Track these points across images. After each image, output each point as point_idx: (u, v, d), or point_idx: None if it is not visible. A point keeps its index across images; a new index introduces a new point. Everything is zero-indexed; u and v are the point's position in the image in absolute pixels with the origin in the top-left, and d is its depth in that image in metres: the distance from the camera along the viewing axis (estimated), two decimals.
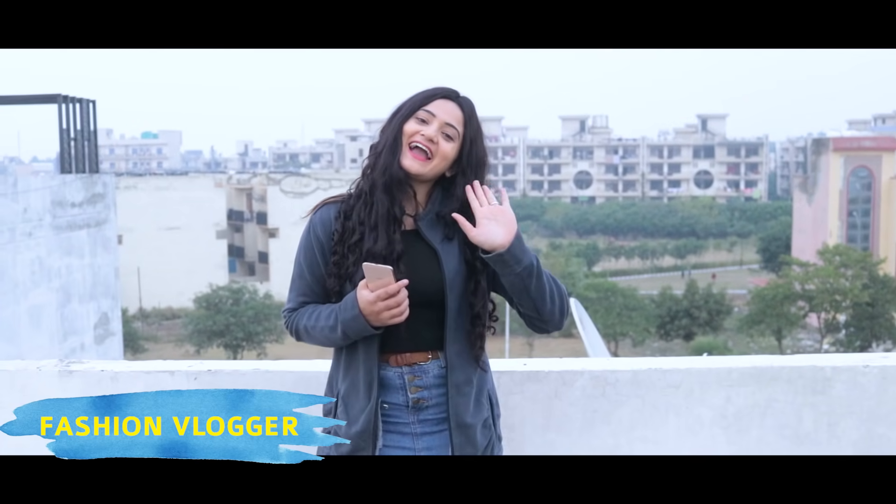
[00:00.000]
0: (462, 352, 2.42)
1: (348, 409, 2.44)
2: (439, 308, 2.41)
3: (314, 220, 2.48)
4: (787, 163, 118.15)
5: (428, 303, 2.40)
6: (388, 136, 2.43)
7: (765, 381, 3.01)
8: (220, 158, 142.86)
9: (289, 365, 3.05)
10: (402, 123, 2.41)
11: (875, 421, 3.03)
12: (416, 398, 2.42)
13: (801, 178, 52.98)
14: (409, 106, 2.43)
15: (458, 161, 2.43)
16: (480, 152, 2.45)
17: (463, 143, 2.42)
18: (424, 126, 2.40)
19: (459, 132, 2.42)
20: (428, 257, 2.42)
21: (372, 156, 2.46)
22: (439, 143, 2.39)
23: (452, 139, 2.41)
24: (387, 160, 2.40)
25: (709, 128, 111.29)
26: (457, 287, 2.41)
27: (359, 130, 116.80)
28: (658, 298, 42.15)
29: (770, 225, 71.10)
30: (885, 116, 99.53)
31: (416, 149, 2.39)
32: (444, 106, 2.42)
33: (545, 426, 2.97)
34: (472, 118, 2.45)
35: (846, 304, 36.83)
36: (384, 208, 2.39)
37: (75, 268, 13.84)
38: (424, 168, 2.40)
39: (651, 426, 3.01)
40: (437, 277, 2.40)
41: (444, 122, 2.40)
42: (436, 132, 2.39)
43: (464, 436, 2.42)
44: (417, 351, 2.43)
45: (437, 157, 2.40)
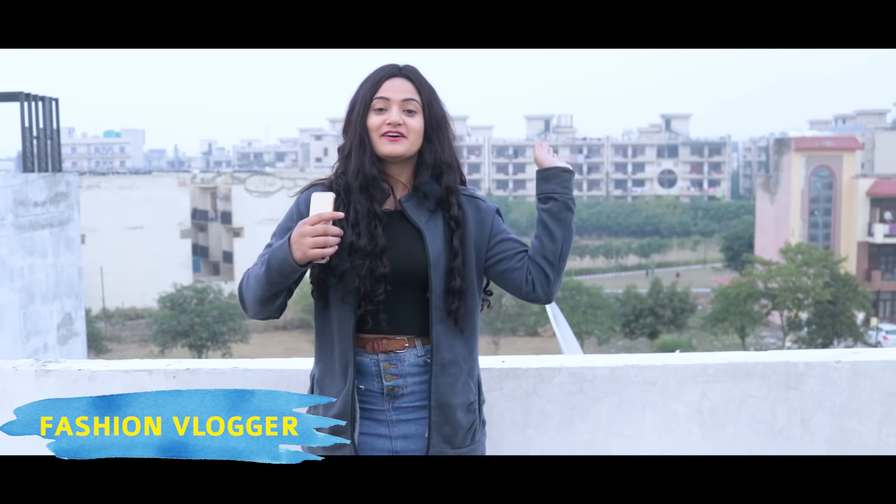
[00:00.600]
0: (448, 332, 2.44)
1: (324, 392, 2.46)
2: (422, 289, 2.43)
3: (300, 199, 2.51)
4: (749, 162, 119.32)
5: (411, 283, 2.42)
6: (352, 137, 2.45)
7: (739, 377, 3.05)
8: (184, 157, 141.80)
9: (267, 363, 3.04)
10: (363, 120, 2.43)
11: (847, 416, 3.08)
12: (391, 385, 2.45)
13: (764, 178, 53.46)
14: (361, 100, 2.45)
15: (426, 128, 2.47)
16: (439, 112, 2.49)
17: (424, 111, 2.46)
18: (385, 114, 2.43)
19: (418, 102, 2.45)
20: (412, 237, 2.44)
21: (341, 159, 2.49)
22: (405, 121, 2.43)
23: (415, 112, 2.45)
24: (358, 161, 2.43)
25: (672, 127, 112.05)
26: (441, 266, 2.43)
27: (323, 129, 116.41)
28: (623, 297, 42.36)
29: (733, 224, 71.64)
30: (846, 117, 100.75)
31: (387, 135, 2.42)
32: (393, 85, 2.44)
33: (524, 423, 2.98)
34: (422, 83, 2.48)
35: (808, 302, 37.21)
36: (363, 207, 2.42)
37: (38, 267, 13.67)
38: (405, 147, 2.43)
39: (628, 422, 3.04)
40: (420, 257, 2.42)
41: (401, 101, 2.43)
42: (398, 114, 2.42)
43: (443, 415, 2.44)
44: (395, 336, 2.44)
45: (410, 134, 2.43)
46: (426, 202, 2.47)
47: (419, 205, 2.47)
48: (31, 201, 13.41)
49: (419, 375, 2.46)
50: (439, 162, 2.46)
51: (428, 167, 2.46)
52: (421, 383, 2.46)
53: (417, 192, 2.47)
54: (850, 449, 3.09)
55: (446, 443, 2.45)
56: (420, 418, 2.46)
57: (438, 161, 2.46)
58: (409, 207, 2.46)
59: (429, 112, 2.46)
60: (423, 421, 2.46)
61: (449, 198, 2.46)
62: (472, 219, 2.50)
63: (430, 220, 2.46)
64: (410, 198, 2.47)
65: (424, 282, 2.43)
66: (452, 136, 2.52)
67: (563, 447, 3.02)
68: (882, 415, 3.09)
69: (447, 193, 2.46)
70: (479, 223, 2.50)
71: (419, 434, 2.46)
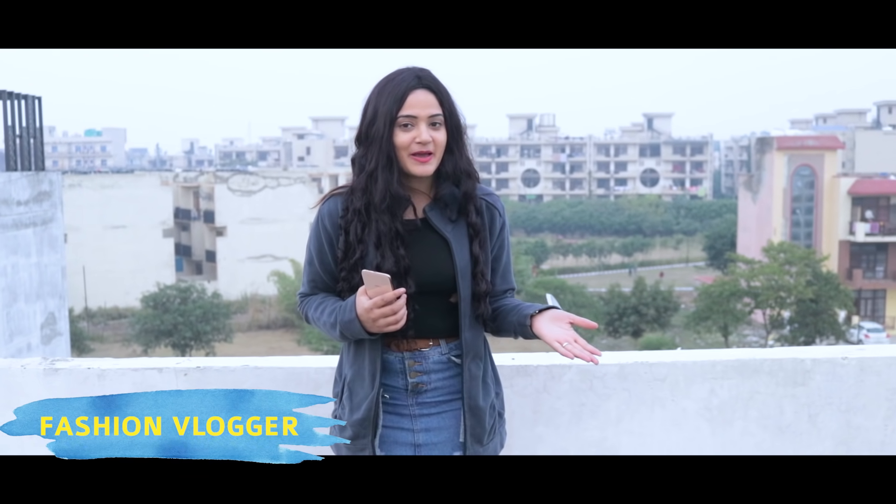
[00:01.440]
0: (475, 337, 2.49)
1: (352, 396, 2.49)
2: (447, 296, 2.46)
3: (322, 212, 2.51)
4: (731, 161, 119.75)
5: (437, 291, 2.44)
6: (377, 156, 2.40)
7: (747, 373, 3.06)
8: (166, 156, 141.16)
9: (279, 361, 3.04)
10: (390, 137, 2.39)
11: (853, 412, 3.10)
12: (416, 382, 2.48)
13: (746, 177, 53.66)
14: (385, 116, 2.39)
15: (447, 139, 2.46)
16: (458, 119, 2.48)
17: (446, 122, 2.45)
18: (413, 131, 2.40)
19: (441, 114, 2.43)
20: (438, 247, 2.46)
21: (362, 176, 2.44)
22: (433, 137, 2.41)
23: (440, 125, 2.43)
24: (385, 182, 2.40)
25: (655, 126, 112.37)
26: (467, 273, 2.45)
27: (306, 128, 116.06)
28: (606, 296, 42.45)
29: (715, 223, 71.99)
30: (826, 116, 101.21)
31: (418, 154, 2.40)
32: (418, 100, 2.40)
33: (534, 420, 2.98)
34: (442, 92, 2.45)
35: (790, 300, 37.38)
36: (386, 227, 2.41)
37: (21, 267, 13.58)
38: (434, 165, 2.44)
39: (637, 419, 3.04)
40: (447, 266, 2.44)
41: (427, 116, 2.41)
42: (427, 132, 2.40)
43: (475, 417, 2.48)
44: (421, 339, 2.47)
45: (437, 150, 2.43)
46: (447, 211, 2.47)
47: (442, 213, 2.47)
48: (14, 200, 13.32)
49: (443, 372, 2.49)
50: (458, 171, 2.46)
51: (448, 177, 2.46)
52: (444, 379, 2.49)
53: (439, 201, 2.48)
54: (856, 445, 3.10)
55: (477, 442, 2.50)
56: (442, 412, 2.49)
57: (458, 171, 2.46)
58: (434, 217, 2.47)
59: (450, 122, 2.45)
60: (446, 414, 2.49)
61: (468, 205, 2.47)
62: (488, 221, 2.52)
63: (455, 229, 2.47)
64: (433, 207, 2.48)
65: (450, 288, 2.46)
66: (468, 140, 2.51)
67: (572, 444, 3.02)
68: (888, 410, 3.10)
69: (465, 200, 2.47)
70: (490, 227, 2.53)
71: (441, 427, 2.49)
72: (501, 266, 2.57)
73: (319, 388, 2.98)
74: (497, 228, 2.54)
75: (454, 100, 2.47)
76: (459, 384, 2.49)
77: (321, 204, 2.52)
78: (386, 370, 2.47)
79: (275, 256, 51.10)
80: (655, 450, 3.05)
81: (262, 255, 52.02)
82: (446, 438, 2.48)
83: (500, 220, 2.55)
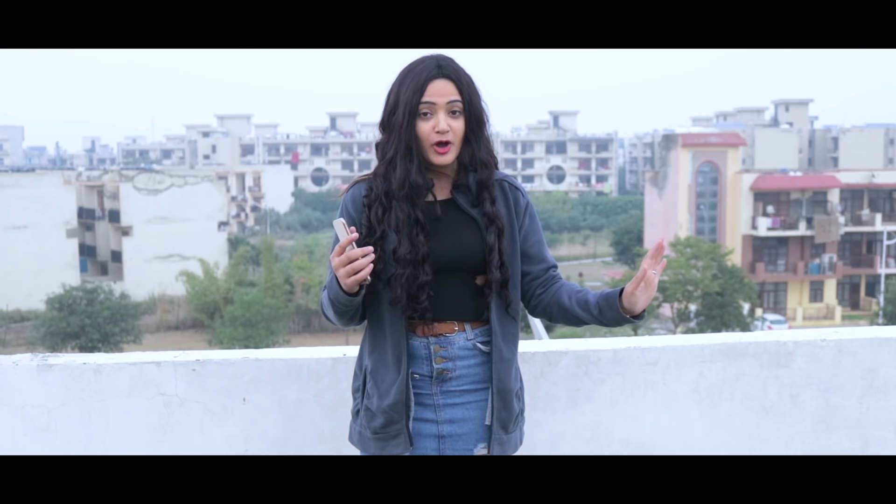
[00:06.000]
0: (503, 319, 2.49)
1: (378, 383, 2.47)
2: (471, 276, 2.46)
3: (346, 199, 2.52)
4: (635, 158, 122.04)
5: (461, 270, 2.45)
6: (397, 144, 2.42)
7: (734, 356, 3.17)
8: (66, 155, 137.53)
9: (278, 353, 3.02)
10: (410, 127, 2.41)
11: (832, 391, 3.23)
12: (441, 369, 2.47)
13: (652, 174, 54.74)
14: (406, 105, 2.41)
15: (466, 128, 2.47)
16: (478, 107, 2.48)
17: (465, 111, 2.45)
18: (432, 119, 2.41)
19: (461, 101, 2.44)
20: (466, 226, 2.47)
21: (383, 162, 2.47)
22: (451, 126, 2.43)
23: (458, 112, 2.44)
24: (403, 171, 2.41)
25: (560, 124, 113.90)
26: (495, 256, 2.45)
27: (211, 126, 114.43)
28: None
29: (621, 219, 73.17)
30: (727, 114, 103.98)
31: (437, 144, 2.42)
32: (437, 89, 2.41)
33: (531, 406, 3.03)
34: (461, 80, 2.45)
35: (697, 294, 38.34)
36: (405, 214, 2.41)
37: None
38: (453, 155, 2.45)
39: (630, 402, 3.12)
40: (474, 246, 2.45)
41: (446, 104, 2.42)
42: (445, 120, 2.41)
43: (503, 401, 2.49)
44: (444, 321, 2.46)
45: (455, 138, 2.44)
46: (469, 195, 2.50)
47: (466, 197, 2.50)
48: None
49: (468, 359, 2.48)
50: (475, 161, 2.48)
51: (465, 167, 2.48)
52: (469, 367, 2.49)
53: (462, 186, 2.50)
54: (834, 423, 3.23)
55: (503, 428, 2.50)
56: (467, 402, 2.49)
57: (475, 160, 2.48)
58: (460, 199, 2.49)
59: (469, 110, 2.45)
60: (470, 405, 2.49)
61: (482, 193, 2.49)
62: (512, 201, 2.53)
63: (478, 213, 2.49)
64: (459, 189, 2.50)
65: (474, 269, 2.46)
66: (489, 129, 2.52)
67: (568, 428, 3.08)
68: (862, 389, 3.24)
69: (479, 189, 2.49)
70: (516, 208, 2.54)
71: (465, 418, 2.48)
72: (536, 243, 2.57)
73: (321, 379, 2.97)
74: (523, 207, 2.55)
75: (477, 89, 2.47)
76: (485, 372, 2.49)
77: (346, 192, 2.53)
78: (410, 356, 2.46)
79: (182, 256, 50.25)
80: (647, 432, 3.13)
81: (170, 254, 51.12)
82: (471, 430, 2.48)
83: (524, 200, 2.56)
